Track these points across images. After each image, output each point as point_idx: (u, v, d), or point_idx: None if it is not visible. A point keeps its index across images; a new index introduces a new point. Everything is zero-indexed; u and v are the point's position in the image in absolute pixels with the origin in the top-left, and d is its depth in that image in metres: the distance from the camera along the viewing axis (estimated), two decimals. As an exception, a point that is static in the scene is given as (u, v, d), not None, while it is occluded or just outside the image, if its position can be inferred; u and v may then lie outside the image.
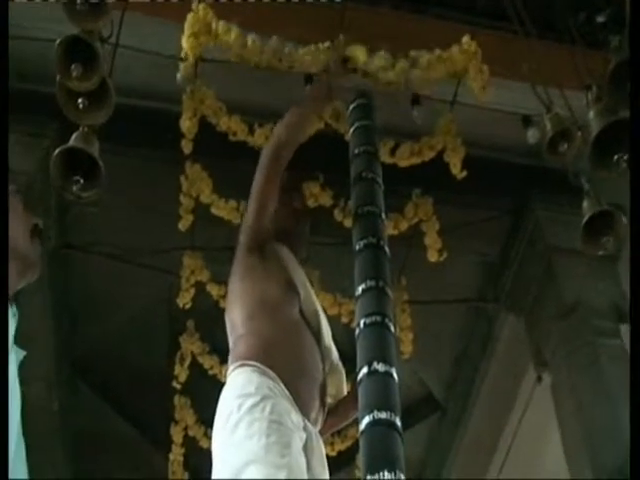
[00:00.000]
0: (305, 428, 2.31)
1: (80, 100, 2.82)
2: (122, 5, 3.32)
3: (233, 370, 2.32)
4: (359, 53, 3.99)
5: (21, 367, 1.61)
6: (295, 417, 2.25)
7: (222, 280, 4.96)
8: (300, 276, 2.73)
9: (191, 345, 5.17)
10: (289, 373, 2.33)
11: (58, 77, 2.78)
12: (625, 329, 5.13)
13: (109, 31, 2.96)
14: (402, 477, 2.20)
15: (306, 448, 2.27)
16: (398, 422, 2.31)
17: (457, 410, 6.84)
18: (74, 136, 2.94)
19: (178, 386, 5.25)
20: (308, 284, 2.79)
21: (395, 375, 2.45)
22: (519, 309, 5.74)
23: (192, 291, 4.87)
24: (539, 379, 5.86)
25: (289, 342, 2.46)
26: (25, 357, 1.66)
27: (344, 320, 4.97)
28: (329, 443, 5.48)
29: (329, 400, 2.63)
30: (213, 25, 3.82)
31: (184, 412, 5.41)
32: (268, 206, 2.69)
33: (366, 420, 2.31)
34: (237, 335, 2.47)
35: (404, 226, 4.84)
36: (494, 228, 5.65)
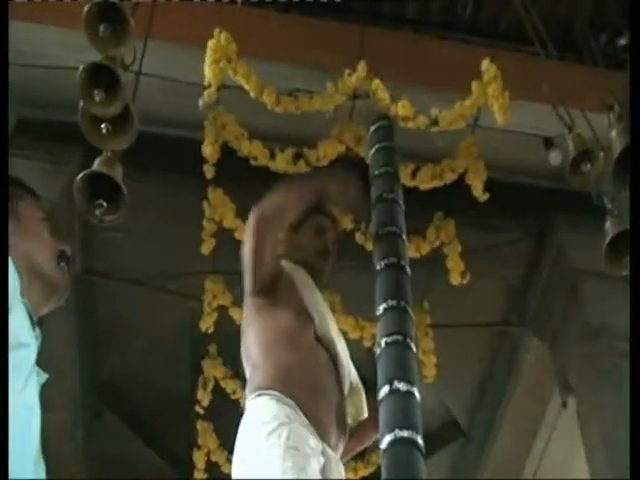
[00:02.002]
0: (324, 452, 2.29)
1: (103, 125, 2.86)
2: (144, 33, 3.36)
3: (251, 400, 2.35)
4: (382, 95, 4.05)
5: (43, 390, 1.61)
6: (313, 442, 2.25)
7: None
8: (316, 301, 2.72)
9: (214, 370, 5.17)
10: (306, 400, 2.34)
11: (81, 103, 2.82)
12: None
13: (131, 58, 3.01)
14: (424, 496, 2.19)
15: (324, 472, 2.26)
16: (420, 440, 2.30)
17: (481, 435, 6.77)
18: (97, 161, 2.98)
19: (201, 411, 5.23)
20: (324, 307, 2.79)
21: (417, 394, 2.44)
22: (543, 333, 5.69)
23: (214, 315, 4.89)
24: (564, 404, 5.79)
25: (306, 369, 2.45)
26: (48, 381, 1.63)
27: (366, 344, 4.95)
28: (352, 468, 5.45)
29: (350, 421, 2.62)
30: (233, 62, 3.88)
31: (206, 437, 5.39)
32: (261, 266, 2.69)
33: (388, 439, 2.31)
34: (253, 366, 2.50)
35: (426, 249, 4.84)
36: (517, 251, 5.63)
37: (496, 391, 6.51)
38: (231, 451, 2.68)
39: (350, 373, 2.67)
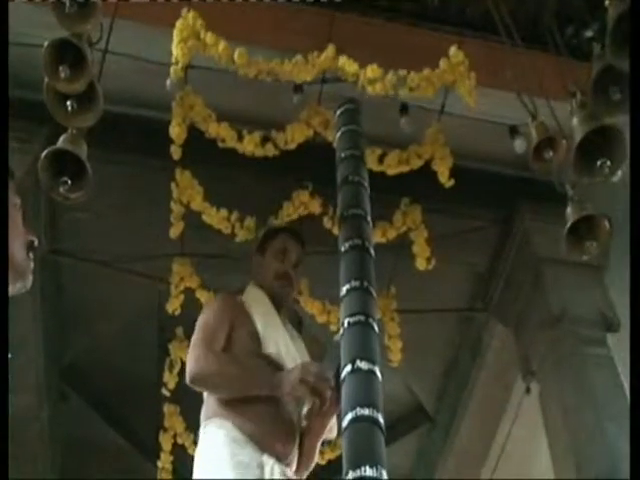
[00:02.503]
0: (261, 464, 2.56)
1: (68, 102, 2.86)
2: (111, 11, 3.35)
3: (202, 429, 2.72)
4: (350, 67, 4.07)
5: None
6: (249, 455, 2.56)
7: (212, 287, 5.01)
8: (265, 320, 2.92)
9: (180, 352, 5.15)
10: (243, 421, 2.63)
11: (46, 79, 2.81)
12: (611, 338, 5.16)
13: (98, 35, 3.00)
14: (384, 473, 2.22)
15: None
16: (380, 419, 2.34)
17: (447, 420, 6.85)
18: (62, 138, 2.97)
19: (167, 393, 5.23)
20: (276, 325, 2.96)
21: (378, 373, 2.47)
22: (507, 319, 5.77)
23: (181, 297, 4.89)
24: (528, 390, 5.86)
25: (246, 391, 2.70)
26: (14, 363, 1.67)
27: (333, 328, 4.98)
28: (319, 452, 5.49)
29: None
30: (201, 34, 3.88)
31: (173, 419, 5.40)
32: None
33: (349, 417, 2.34)
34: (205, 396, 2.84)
35: (392, 234, 4.87)
36: (483, 238, 5.68)
37: (461, 376, 6.58)
38: (197, 433, 2.82)
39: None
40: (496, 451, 6.66)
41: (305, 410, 2.81)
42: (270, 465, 2.57)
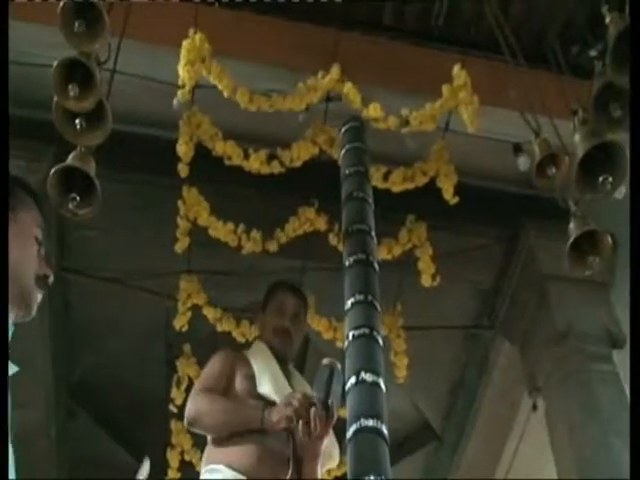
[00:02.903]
0: None
1: (77, 121, 2.92)
2: (119, 31, 3.41)
3: (202, 475, 2.85)
4: (354, 97, 4.13)
5: (13, 382, 1.62)
6: None
7: (218, 304, 5.06)
8: (261, 366, 3.03)
9: (188, 368, 5.20)
10: (237, 458, 2.73)
11: (55, 98, 2.87)
12: (617, 354, 5.17)
13: (106, 55, 3.06)
14: (387, 482, 2.25)
15: None
16: (384, 430, 2.38)
17: (454, 438, 6.84)
18: (71, 155, 3.03)
19: (175, 410, 5.25)
20: (273, 371, 3.03)
21: (382, 385, 2.51)
22: (513, 336, 5.78)
23: (188, 314, 4.92)
24: (534, 407, 5.86)
25: (235, 437, 2.77)
26: (22, 379, 1.67)
27: (339, 344, 5.01)
28: (326, 469, 5.50)
29: None
30: (207, 61, 3.95)
31: (180, 437, 5.42)
32: None
33: (353, 428, 2.39)
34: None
35: (398, 251, 4.92)
36: (488, 256, 5.70)
37: (468, 394, 6.58)
38: (204, 450, 2.87)
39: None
40: (503, 468, 6.65)
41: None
42: None
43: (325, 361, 2.48)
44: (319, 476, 2.89)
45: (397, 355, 5.25)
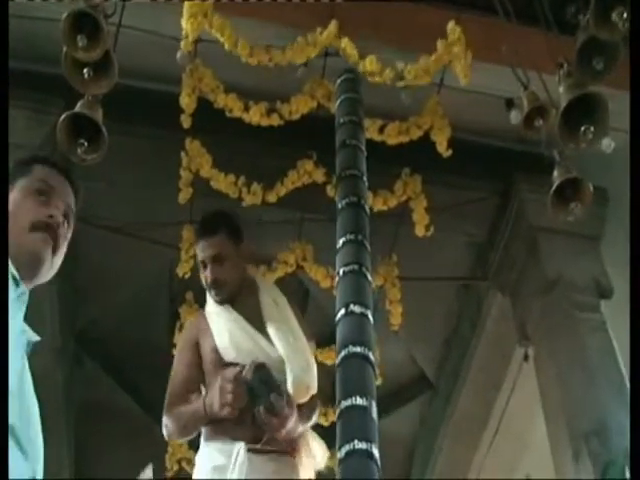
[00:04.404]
0: (230, 452, 2.63)
1: (85, 70, 3.06)
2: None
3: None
4: (351, 52, 4.26)
5: (33, 352, 1.58)
6: (222, 453, 2.66)
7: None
8: (219, 329, 2.91)
9: (190, 316, 5.37)
10: (216, 428, 2.72)
11: (65, 48, 3.02)
12: (605, 304, 5.36)
13: (112, 9, 3.21)
14: (373, 403, 2.44)
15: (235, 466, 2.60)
16: (371, 356, 2.56)
17: (448, 388, 7.04)
18: (79, 103, 3.18)
19: (177, 355, 5.43)
20: (236, 328, 2.89)
21: (370, 317, 2.70)
22: (505, 287, 5.96)
23: (191, 262, 5.09)
24: (526, 358, 6.06)
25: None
26: (28, 324, 1.58)
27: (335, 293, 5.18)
28: (322, 414, 5.72)
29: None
30: (209, 13, 4.08)
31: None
32: None
33: (342, 354, 2.57)
34: None
35: (393, 203, 5.09)
36: (481, 209, 5.88)
37: (462, 345, 6.77)
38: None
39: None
40: (496, 417, 6.85)
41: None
42: (237, 449, 2.62)
43: (250, 365, 2.58)
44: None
45: (392, 303, 5.44)
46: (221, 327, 2.90)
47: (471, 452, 7.11)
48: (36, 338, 1.57)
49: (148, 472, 2.91)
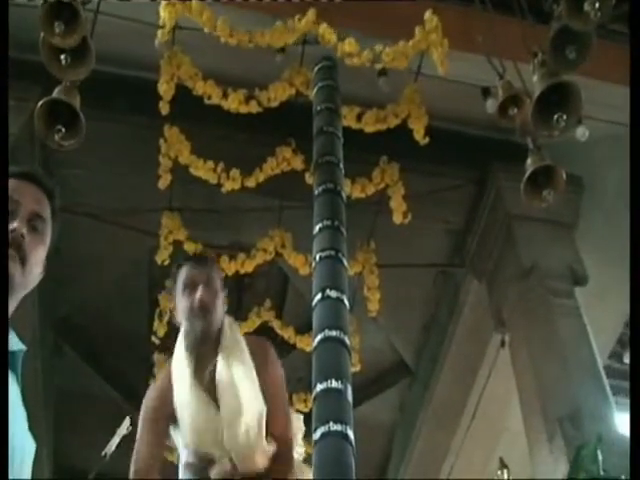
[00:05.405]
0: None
1: (63, 56, 3.08)
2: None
3: None
4: (329, 37, 4.29)
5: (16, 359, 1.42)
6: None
7: (199, 239, 5.26)
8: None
9: (169, 303, 5.37)
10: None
11: (42, 35, 3.03)
12: (579, 291, 5.44)
13: (90, -5, 3.22)
14: (349, 386, 2.49)
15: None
16: (347, 340, 2.61)
17: (426, 374, 7.11)
18: (57, 89, 3.20)
19: (157, 341, 5.46)
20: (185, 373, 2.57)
21: (346, 302, 2.74)
22: (482, 274, 6.03)
23: (170, 249, 5.12)
24: (502, 343, 6.13)
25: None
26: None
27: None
28: (302, 400, 5.78)
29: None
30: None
31: (162, 368, 5.61)
32: None
33: (318, 338, 2.61)
34: None
35: (371, 190, 5.13)
36: (459, 197, 5.94)
37: (440, 332, 6.84)
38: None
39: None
40: (473, 402, 6.92)
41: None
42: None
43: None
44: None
45: (370, 290, 5.48)
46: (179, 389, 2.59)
47: (449, 436, 7.17)
48: (21, 346, 1.45)
49: (126, 424, 2.83)
